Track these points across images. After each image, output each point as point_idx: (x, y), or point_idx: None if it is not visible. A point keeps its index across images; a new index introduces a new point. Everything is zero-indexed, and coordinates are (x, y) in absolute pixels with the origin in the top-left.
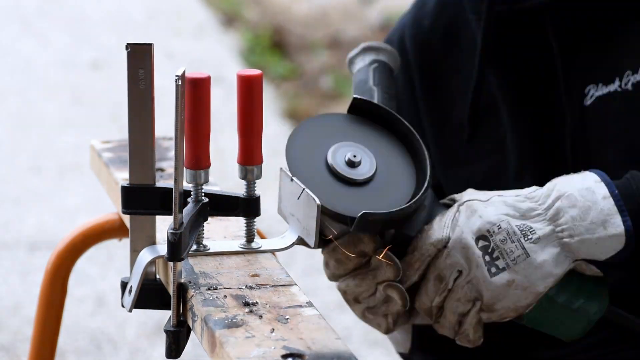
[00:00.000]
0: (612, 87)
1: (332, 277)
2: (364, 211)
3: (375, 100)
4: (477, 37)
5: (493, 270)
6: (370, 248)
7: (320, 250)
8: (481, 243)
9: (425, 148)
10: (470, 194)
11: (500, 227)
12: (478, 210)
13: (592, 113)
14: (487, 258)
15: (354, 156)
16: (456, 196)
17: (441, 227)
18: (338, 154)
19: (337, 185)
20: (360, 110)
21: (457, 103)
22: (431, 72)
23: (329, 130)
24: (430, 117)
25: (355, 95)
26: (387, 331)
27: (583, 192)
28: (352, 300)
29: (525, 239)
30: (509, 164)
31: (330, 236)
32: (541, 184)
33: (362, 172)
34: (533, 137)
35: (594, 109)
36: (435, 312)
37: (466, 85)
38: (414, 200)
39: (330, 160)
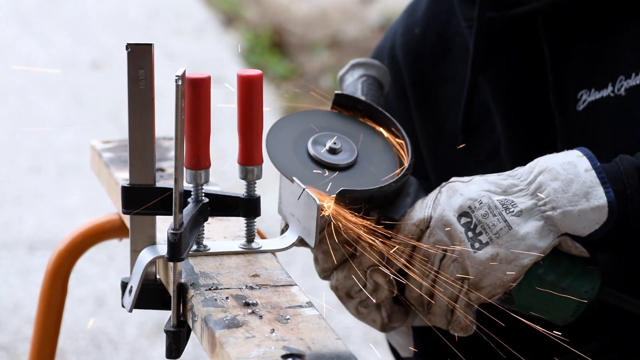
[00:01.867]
0: (605, 92)
1: (322, 272)
2: (342, 188)
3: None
4: (469, 44)
5: (477, 245)
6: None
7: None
8: (463, 220)
9: (408, 139)
10: (453, 178)
11: (482, 202)
12: (459, 189)
13: (584, 118)
14: (470, 234)
15: (334, 143)
16: (442, 184)
17: (423, 207)
18: (318, 143)
19: (319, 172)
20: (343, 108)
21: (450, 112)
22: (423, 81)
23: (309, 124)
24: (424, 127)
25: (336, 92)
26: (382, 327)
27: (565, 166)
28: (345, 296)
29: (507, 212)
30: (503, 172)
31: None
32: None
33: (344, 158)
34: (527, 144)
35: (587, 114)
36: (426, 300)
37: (459, 94)
38: (394, 180)
39: (310, 148)
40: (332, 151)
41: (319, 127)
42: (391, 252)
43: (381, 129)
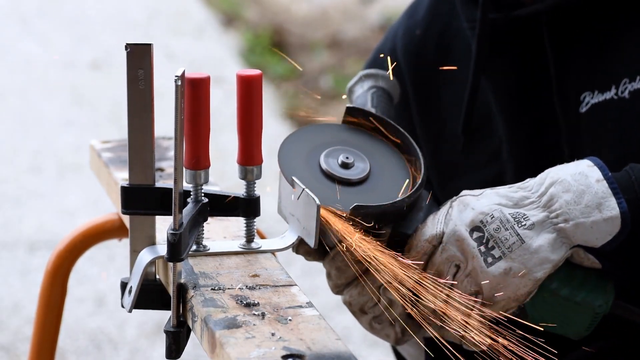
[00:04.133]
0: (608, 94)
1: (335, 288)
2: (356, 204)
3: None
4: (471, 45)
5: (489, 260)
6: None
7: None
8: (475, 234)
9: (421, 153)
10: (464, 192)
11: (494, 217)
12: (470, 203)
13: (587, 120)
14: (483, 248)
15: (347, 158)
16: (453, 198)
17: (435, 223)
18: (331, 157)
19: (332, 186)
20: (355, 121)
21: (451, 114)
22: (424, 83)
23: (321, 137)
24: (425, 130)
25: (348, 105)
26: (396, 341)
27: (576, 177)
28: (359, 311)
29: (519, 225)
30: (505, 174)
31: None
32: None
33: (356, 172)
34: (529, 146)
35: (589, 116)
36: (440, 315)
37: (461, 96)
38: (407, 195)
39: (323, 163)
40: (345, 165)
41: (331, 141)
42: (404, 268)
43: (393, 143)
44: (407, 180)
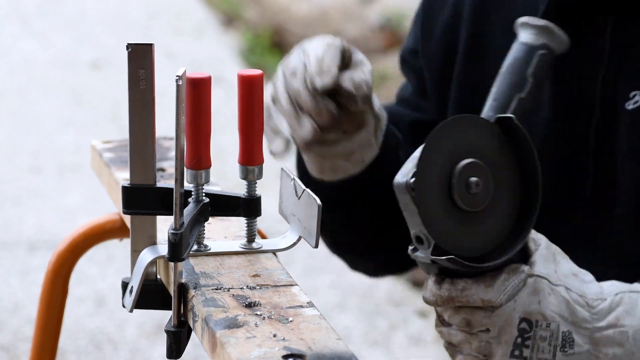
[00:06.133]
0: None
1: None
2: (452, 256)
3: (523, 94)
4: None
5: (516, 353)
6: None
7: (319, 250)
8: (523, 325)
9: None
10: (544, 262)
11: (549, 326)
12: (541, 293)
13: (630, 118)
14: (519, 340)
15: (476, 183)
16: (533, 248)
17: (500, 290)
18: (462, 174)
19: (449, 210)
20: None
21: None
22: (480, 34)
23: (464, 138)
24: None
25: (498, 115)
26: None
27: (637, 335)
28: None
29: (562, 349)
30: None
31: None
32: (559, 175)
33: (478, 200)
34: (567, 126)
35: (634, 115)
36: (450, 351)
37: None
38: (501, 260)
39: (455, 184)
40: (468, 187)
41: (471, 145)
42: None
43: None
44: (515, 216)
